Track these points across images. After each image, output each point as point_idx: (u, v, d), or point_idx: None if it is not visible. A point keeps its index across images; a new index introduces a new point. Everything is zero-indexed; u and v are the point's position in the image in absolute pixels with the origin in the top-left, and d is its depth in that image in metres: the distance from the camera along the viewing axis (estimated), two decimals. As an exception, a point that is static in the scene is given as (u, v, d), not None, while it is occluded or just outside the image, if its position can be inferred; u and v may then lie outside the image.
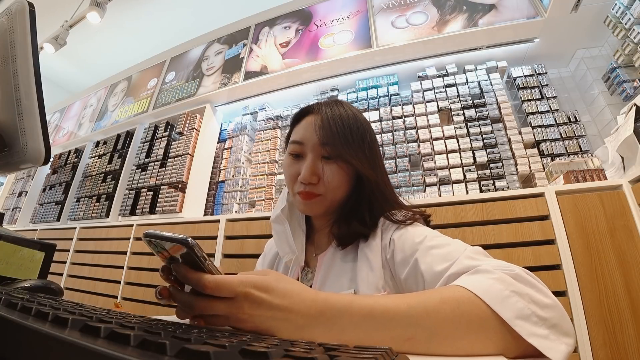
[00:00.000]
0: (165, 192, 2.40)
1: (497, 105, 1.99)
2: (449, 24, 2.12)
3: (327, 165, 0.59)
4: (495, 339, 0.33)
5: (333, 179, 0.59)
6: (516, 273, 0.38)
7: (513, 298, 0.34)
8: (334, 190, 0.59)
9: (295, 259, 0.65)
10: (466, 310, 0.34)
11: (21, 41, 0.55)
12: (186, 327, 0.28)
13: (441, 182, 1.88)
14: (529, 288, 0.36)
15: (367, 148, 0.61)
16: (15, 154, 0.56)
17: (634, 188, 1.10)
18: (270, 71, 2.52)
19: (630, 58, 1.69)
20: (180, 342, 0.14)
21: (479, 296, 0.34)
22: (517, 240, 1.17)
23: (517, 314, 0.33)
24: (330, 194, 0.60)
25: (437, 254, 0.47)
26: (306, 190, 0.59)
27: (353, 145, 0.60)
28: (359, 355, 0.18)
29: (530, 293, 0.35)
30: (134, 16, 3.43)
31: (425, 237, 0.51)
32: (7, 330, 0.17)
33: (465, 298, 0.35)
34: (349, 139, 0.59)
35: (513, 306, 0.33)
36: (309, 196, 0.59)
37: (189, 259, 0.33)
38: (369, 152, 0.62)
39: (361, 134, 0.61)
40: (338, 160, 0.59)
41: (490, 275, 0.37)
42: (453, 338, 0.33)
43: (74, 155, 3.37)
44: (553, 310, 0.35)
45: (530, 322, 0.33)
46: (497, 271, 0.38)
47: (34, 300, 0.28)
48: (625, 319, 1.00)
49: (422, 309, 0.34)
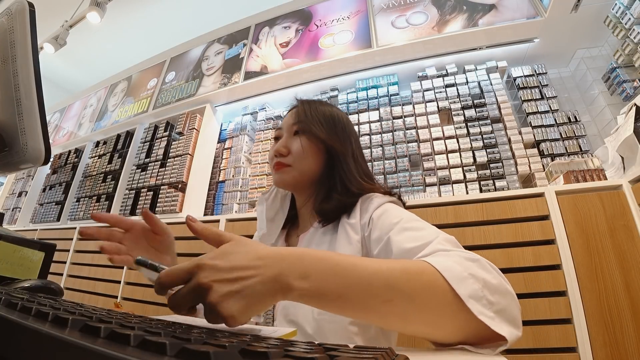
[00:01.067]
0: (165, 192, 2.40)
1: (497, 105, 1.99)
2: (449, 24, 2.12)
3: (296, 138, 0.66)
4: (449, 312, 0.35)
5: (299, 149, 0.64)
6: (478, 259, 0.40)
7: (470, 280, 0.35)
8: (301, 160, 0.64)
9: (263, 237, 0.69)
10: (428, 280, 0.35)
11: (21, 41, 0.55)
12: (186, 326, 0.28)
13: (441, 182, 1.88)
14: (486, 273, 0.37)
15: (340, 130, 0.68)
16: (15, 154, 0.56)
17: (634, 188, 1.10)
18: (270, 71, 2.52)
19: (630, 58, 1.69)
20: (180, 342, 0.14)
21: (440, 271, 0.36)
22: (517, 240, 1.16)
23: (471, 293, 0.34)
24: (297, 164, 0.64)
25: (410, 235, 0.49)
26: (277, 161, 0.66)
27: (323, 124, 0.66)
28: (359, 355, 0.18)
29: (486, 278, 0.37)
30: (134, 16, 3.43)
31: (402, 219, 0.53)
32: (7, 330, 0.17)
33: (428, 270, 0.36)
34: (320, 119, 0.67)
35: (469, 286, 0.35)
36: (279, 166, 0.65)
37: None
38: (341, 133, 0.68)
39: (333, 119, 0.68)
40: (306, 134, 0.66)
41: (453, 258, 0.39)
42: (422, 308, 0.34)
43: (74, 155, 3.37)
44: (503, 297, 0.36)
45: (481, 304, 0.34)
46: (460, 257, 0.39)
47: (34, 300, 0.28)
48: (625, 319, 1.00)
49: (399, 272, 0.35)
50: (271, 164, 0.68)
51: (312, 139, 0.65)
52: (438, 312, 0.35)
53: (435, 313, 0.35)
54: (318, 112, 0.68)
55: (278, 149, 0.66)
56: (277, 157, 0.66)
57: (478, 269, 0.37)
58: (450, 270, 0.36)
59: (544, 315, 1.06)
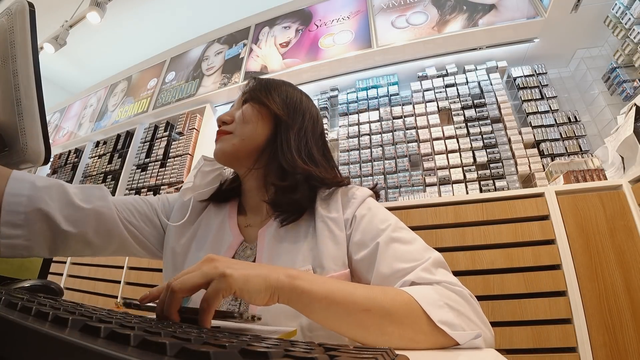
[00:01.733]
0: (165, 192, 2.40)
1: (497, 105, 1.99)
2: (449, 24, 2.12)
3: (242, 107, 0.61)
4: (426, 331, 0.36)
5: (242, 115, 0.59)
6: (460, 291, 0.41)
7: (445, 308, 0.38)
8: (242, 126, 0.59)
9: (184, 192, 0.60)
10: (403, 299, 0.38)
11: (21, 41, 0.55)
12: (187, 326, 0.28)
13: (441, 182, 1.89)
14: (465, 305, 0.40)
15: (291, 102, 0.62)
16: (15, 154, 0.56)
17: (634, 188, 1.10)
18: (270, 71, 2.53)
19: (630, 58, 1.69)
20: (180, 342, 0.14)
21: (416, 299, 0.38)
22: (517, 240, 1.17)
23: (443, 319, 0.36)
24: (239, 130, 0.58)
25: (399, 249, 0.48)
26: (219, 129, 0.60)
27: (271, 93, 0.61)
28: (359, 355, 0.18)
29: (463, 310, 0.39)
30: (134, 16, 3.43)
31: (390, 225, 0.51)
32: (7, 330, 0.17)
33: (405, 296, 0.38)
34: (271, 89, 0.62)
35: (443, 315, 0.37)
36: (220, 134, 0.59)
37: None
38: (292, 105, 0.62)
39: (287, 92, 0.63)
40: (252, 101, 0.61)
41: (433, 288, 0.41)
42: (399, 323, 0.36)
43: (74, 155, 3.37)
44: (479, 329, 0.38)
45: (452, 327, 0.36)
46: (442, 287, 0.41)
47: (34, 300, 0.28)
48: (625, 319, 1.00)
49: (378, 289, 0.39)
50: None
51: (256, 106, 0.60)
52: (413, 330, 0.36)
53: (411, 330, 0.36)
54: (270, 83, 0.64)
55: (221, 117, 0.61)
56: (221, 127, 0.60)
57: (458, 298, 0.40)
58: (425, 297, 0.38)
59: (544, 315, 1.06)
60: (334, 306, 0.35)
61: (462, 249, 1.19)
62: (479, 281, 1.14)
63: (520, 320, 1.07)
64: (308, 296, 0.35)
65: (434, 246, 1.37)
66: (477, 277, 1.15)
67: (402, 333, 0.36)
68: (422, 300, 0.37)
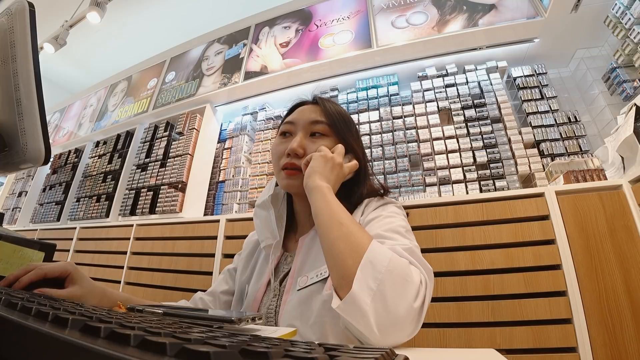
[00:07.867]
0: (165, 192, 2.40)
1: (497, 105, 1.99)
2: (449, 24, 2.12)
3: (315, 140, 0.62)
4: (350, 263, 0.42)
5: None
6: (413, 259, 0.45)
7: (373, 282, 0.40)
8: None
9: (275, 245, 0.64)
10: (362, 236, 0.45)
11: (21, 41, 0.55)
12: (187, 326, 0.28)
13: (441, 182, 1.89)
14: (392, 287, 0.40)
15: (355, 135, 0.65)
16: (15, 154, 0.56)
17: (634, 188, 1.10)
18: (270, 71, 2.52)
19: (630, 58, 1.69)
20: (180, 342, 0.14)
21: (368, 249, 0.43)
22: (517, 240, 1.16)
23: (363, 286, 0.40)
24: None
25: (384, 225, 0.53)
26: (289, 161, 0.60)
27: (344, 128, 0.63)
28: (359, 355, 0.18)
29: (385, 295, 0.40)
30: (134, 16, 3.43)
31: (390, 227, 0.54)
32: (7, 330, 0.17)
33: (366, 241, 0.44)
34: (341, 121, 0.63)
35: (365, 283, 0.40)
36: (292, 167, 0.60)
37: None
38: (357, 139, 0.65)
39: (349, 122, 0.66)
40: (326, 138, 0.62)
41: (392, 254, 0.44)
42: (344, 244, 0.44)
43: (74, 155, 3.37)
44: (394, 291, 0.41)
45: (366, 283, 0.40)
46: (399, 256, 0.44)
47: (34, 300, 0.28)
48: (625, 319, 1.00)
49: (356, 224, 0.48)
50: (279, 161, 0.62)
51: (330, 146, 0.60)
52: (343, 256, 0.43)
53: (343, 256, 0.43)
54: (337, 110, 0.64)
55: (294, 148, 0.59)
56: (290, 157, 0.60)
57: (401, 264, 0.43)
58: (376, 251, 0.43)
59: (544, 315, 1.06)
60: (326, 209, 0.49)
61: (462, 249, 1.19)
62: (479, 281, 1.14)
63: (520, 320, 1.07)
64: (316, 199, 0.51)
65: (434, 246, 1.36)
66: (477, 277, 1.15)
67: (343, 254, 0.43)
68: (369, 254, 0.42)
